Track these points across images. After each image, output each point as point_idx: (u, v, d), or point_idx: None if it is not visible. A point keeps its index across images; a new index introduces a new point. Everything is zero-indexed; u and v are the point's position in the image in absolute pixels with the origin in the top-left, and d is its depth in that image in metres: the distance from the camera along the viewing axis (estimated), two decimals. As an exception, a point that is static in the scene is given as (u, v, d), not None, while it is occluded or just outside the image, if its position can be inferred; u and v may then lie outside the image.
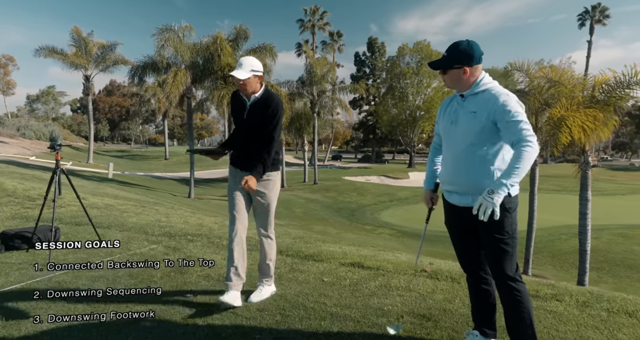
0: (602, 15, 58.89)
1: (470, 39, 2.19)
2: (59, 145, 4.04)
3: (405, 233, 19.85)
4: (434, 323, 2.59)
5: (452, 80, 2.22)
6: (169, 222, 6.09)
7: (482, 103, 2.15)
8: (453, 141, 2.27)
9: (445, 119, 2.34)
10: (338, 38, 58.26)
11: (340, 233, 18.55)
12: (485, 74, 2.21)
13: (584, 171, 12.16)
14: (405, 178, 37.20)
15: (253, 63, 2.94)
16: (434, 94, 45.02)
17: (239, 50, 25.98)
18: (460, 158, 2.22)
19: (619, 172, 49.31)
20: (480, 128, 2.14)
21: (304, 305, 2.93)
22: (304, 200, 26.22)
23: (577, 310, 2.82)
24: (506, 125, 2.07)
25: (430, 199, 2.56)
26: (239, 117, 3.07)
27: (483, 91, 2.17)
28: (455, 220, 2.36)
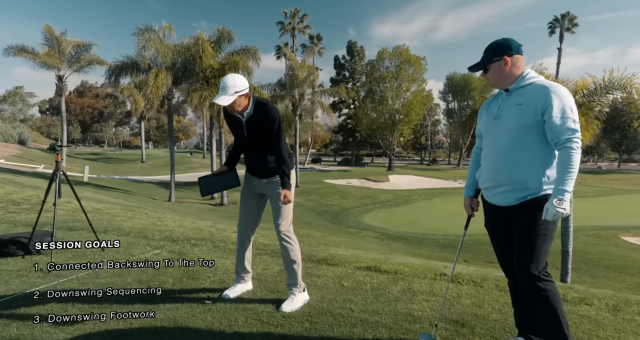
0: (571, 23, 61.07)
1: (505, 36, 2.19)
2: (60, 146, 3.83)
3: (389, 236, 19.95)
4: (469, 329, 2.54)
5: (495, 76, 2.16)
6: (166, 226, 5.88)
7: (529, 95, 2.07)
8: (496, 137, 2.20)
9: (487, 116, 2.28)
10: (318, 41, 58.42)
11: (324, 236, 18.47)
12: (531, 69, 2.16)
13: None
14: (385, 181, 37.48)
15: (236, 84, 2.83)
16: (412, 97, 45.61)
17: (221, 52, 25.68)
18: (504, 154, 2.15)
19: (587, 175, 50.99)
20: (527, 121, 2.06)
21: (331, 312, 2.84)
22: (287, 204, 26.05)
23: (611, 314, 2.82)
24: (553, 121, 1.99)
25: (470, 205, 2.49)
26: (239, 134, 3.03)
27: (530, 84, 2.10)
28: (497, 221, 2.30)
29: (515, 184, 2.12)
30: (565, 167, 1.97)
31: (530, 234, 2.09)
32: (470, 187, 2.50)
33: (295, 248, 3.04)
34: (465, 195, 2.51)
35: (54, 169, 3.87)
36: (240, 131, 3.02)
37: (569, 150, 1.98)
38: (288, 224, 3.04)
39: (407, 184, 36.01)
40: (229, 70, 23.91)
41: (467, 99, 54.23)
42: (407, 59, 45.25)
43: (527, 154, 2.09)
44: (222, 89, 2.86)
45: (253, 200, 3.15)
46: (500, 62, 2.12)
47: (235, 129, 3.08)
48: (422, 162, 62.69)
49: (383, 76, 45.21)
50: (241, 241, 3.22)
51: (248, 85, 2.92)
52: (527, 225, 2.10)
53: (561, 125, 1.99)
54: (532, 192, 2.10)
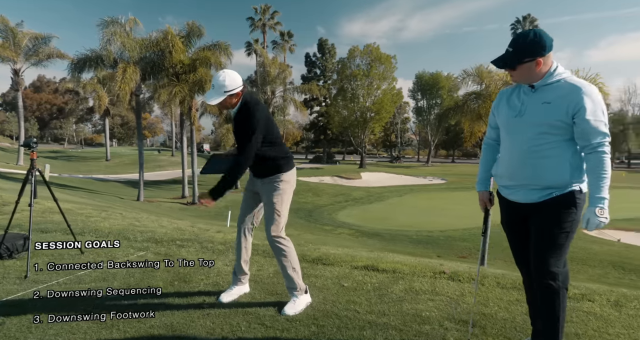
0: (532, 25, 63.32)
1: (536, 29, 2.05)
2: (35, 143, 3.55)
3: (364, 233, 20.07)
4: (481, 330, 2.51)
5: (522, 75, 2.04)
6: (146, 226, 5.62)
7: (559, 94, 1.97)
8: (518, 135, 2.09)
9: (508, 111, 2.14)
10: (289, 38, 57.96)
11: (300, 234, 18.36)
12: (558, 63, 2.03)
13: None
14: (357, 178, 37.71)
15: (227, 83, 2.70)
16: (383, 95, 46.10)
17: (191, 47, 25.06)
18: (527, 153, 2.05)
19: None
20: (554, 121, 1.97)
21: (336, 314, 2.75)
22: (260, 202, 25.78)
23: (615, 310, 2.85)
24: (586, 124, 1.91)
25: (486, 201, 2.38)
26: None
27: (558, 81, 2.00)
28: (515, 218, 2.23)
29: (538, 183, 2.06)
30: (599, 173, 1.91)
31: (553, 232, 2.03)
32: (484, 182, 2.39)
33: (288, 252, 2.89)
34: (480, 191, 2.39)
35: (29, 167, 3.58)
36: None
37: (601, 155, 1.92)
38: (279, 228, 2.88)
39: (378, 181, 36.37)
40: (200, 66, 23.37)
41: (435, 97, 55.32)
42: (378, 57, 45.68)
43: (551, 152, 2.01)
44: (212, 86, 2.74)
45: (251, 198, 3.03)
46: (532, 63, 1.99)
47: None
48: (399, 160, 63.52)
49: (354, 74, 45.46)
50: (239, 240, 3.08)
51: (241, 84, 2.78)
52: (550, 223, 2.04)
53: (594, 128, 1.92)
54: (557, 189, 2.03)
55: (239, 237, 3.09)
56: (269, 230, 2.88)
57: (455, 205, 25.14)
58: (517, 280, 3.30)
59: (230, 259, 4.00)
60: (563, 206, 2.02)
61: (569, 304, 2.89)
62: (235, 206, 21.34)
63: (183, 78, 22.92)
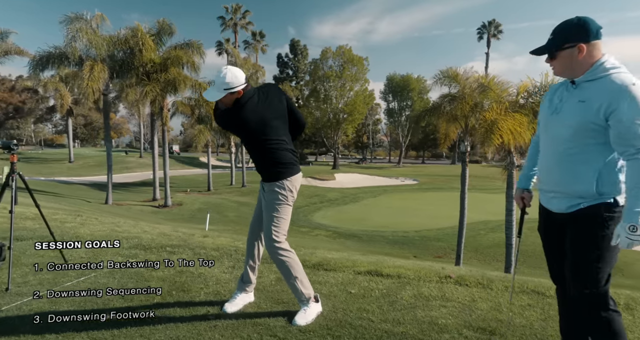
0: (497, 30, 65.36)
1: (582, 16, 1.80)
2: (16, 145, 3.28)
3: (341, 234, 20.08)
4: (501, 337, 2.45)
5: (563, 65, 1.82)
6: (129, 232, 5.33)
7: (596, 92, 1.75)
8: (553, 135, 1.92)
9: (547, 107, 1.97)
10: (261, 38, 57.53)
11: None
12: (610, 56, 1.77)
13: (509, 171, 13.27)
14: (331, 179, 37.77)
15: (227, 79, 2.55)
16: (356, 97, 46.42)
17: (162, 45, 24.38)
18: (558, 155, 1.89)
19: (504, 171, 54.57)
20: (587, 122, 1.77)
21: (349, 323, 2.64)
22: (236, 204, 25.33)
23: (628, 314, 2.81)
24: (620, 127, 1.70)
25: (521, 198, 2.19)
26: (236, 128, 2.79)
27: (601, 77, 1.76)
28: (551, 227, 2.04)
29: (565, 191, 1.89)
30: (634, 183, 1.70)
31: (584, 247, 1.85)
32: (525, 179, 2.21)
33: (290, 263, 2.74)
34: (518, 187, 2.23)
35: (8, 171, 3.30)
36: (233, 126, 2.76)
37: (637, 163, 1.70)
38: (281, 236, 2.74)
39: (352, 182, 36.55)
40: (172, 65, 22.77)
41: (406, 99, 56.21)
42: (350, 58, 45.97)
43: (582, 157, 1.82)
44: (213, 82, 2.62)
45: (261, 205, 2.88)
46: (573, 49, 1.76)
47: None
48: (364, 161, 64.02)
49: (327, 75, 45.56)
50: (250, 247, 2.94)
51: (243, 81, 2.61)
52: (580, 237, 1.86)
53: (631, 133, 1.69)
54: (586, 200, 1.84)
55: (251, 245, 2.95)
56: (267, 240, 2.75)
57: (427, 205, 25.56)
58: (524, 284, 3.30)
59: (227, 266, 3.84)
60: (591, 219, 1.83)
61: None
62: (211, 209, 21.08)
63: (154, 77, 22.27)
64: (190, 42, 24.35)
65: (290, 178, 2.76)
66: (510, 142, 12.13)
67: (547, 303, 2.95)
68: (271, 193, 2.75)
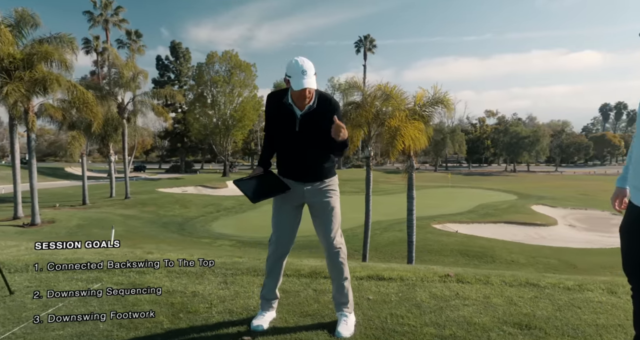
0: (372, 44, 71.04)
1: None
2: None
3: (245, 242, 19.59)
4: (542, 332, 2.55)
5: None
6: (57, 254, 4.47)
7: None
8: None
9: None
10: (137, 38, 53.17)
11: (178, 250, 16.96)
12: None
13: (410, 174, 14.47)
14: (224, 187, 36.58)
15: (312, 65, 2.42)
16: (245, 103, 45.85)
17: (21, 38, 21.06)
18: None
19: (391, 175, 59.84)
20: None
21: (394, 330, 2.58)
22: (121, 217, 22.90)
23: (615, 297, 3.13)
24: None
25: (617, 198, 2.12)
26: (286, 129, 2.54)
27: None
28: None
29: None
30: None
31: None
32: (624, 178, 2.12)
33: (346, 261, 2.76)
34: (617, 186, 2.16)
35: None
36: (290, 126, 2.51)
37: None
38: (340, 234, 2.72)
39: (246, 189, 35.90)
40: (38, 61, 19.75)
41: (293, 106, 57.27)
42: (238, 64, 45.30)
43: None
44: (302, 72, 2.34)
45: (293, 212, 2.68)
46: None
47: (281, 124, 2.55)
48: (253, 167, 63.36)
49: (214, 80, 44.17)
50: (276, 262, 2.74)
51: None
52: None
53: None
54: None
55: (279, 263, 2.76)
56: (336, 240, 2.69)
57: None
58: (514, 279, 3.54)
59: (218, 281, 3.52)
60: None
61: (574, 295, 3.17)
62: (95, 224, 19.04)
63: (17, 75, 19.05)
64: (59, 35, 21.46)
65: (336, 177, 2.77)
66: (411, 147, 13.26)
67: (548, 294, 3.24)
68: (326, 192, 2.65)
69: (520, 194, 37.48)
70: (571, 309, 2.90)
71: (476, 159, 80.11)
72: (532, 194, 37.12)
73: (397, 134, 12.79)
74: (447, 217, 27.32)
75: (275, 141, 2.65)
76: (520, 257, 18.52)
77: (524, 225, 25.75)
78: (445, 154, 73.81)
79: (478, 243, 20.37)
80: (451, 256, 19.10)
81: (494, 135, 72.87)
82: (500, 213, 28.00)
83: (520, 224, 25.78)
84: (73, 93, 20.90)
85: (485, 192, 38.80)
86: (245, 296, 3.19)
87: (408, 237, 15.17)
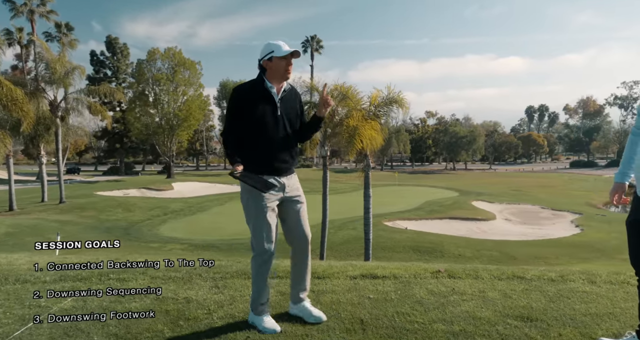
0: (318, 45, 71.50)
1: None
2: None
3: (198, 246, 18.95)
4: (544, 323, 2.64)
5: None
6: (15, 262, 4.02)
7: None
8: None
9: None
10: (68, 31, 49.57)
11: (130, 255, 16.03)
12: None
13: (366, 172, 14.72)
14: (169, 189, 35.15)
15: None
16: (191, 102, 44.29)
17: None
18: None
19: (339, 174, 60.55)
20: None
21: (405, 328, 2.56)
22: (57, 224, 21.23)
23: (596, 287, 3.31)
24: None
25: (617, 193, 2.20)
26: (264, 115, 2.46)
27: None
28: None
29: None
30: None
31: None
32: (625, 173, 2.21)
33: None
34: (616, 182, 2.24)
35: None
36: (270, 112, 2.47)
37: None
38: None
39: (193, 191, 34.74)
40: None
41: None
42: (182, 62, 43.69)
43: None
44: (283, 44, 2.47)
45: (275, 211, 2.58)
46: None
47: (261, 111, 2.45)
48: (198, 168, 61.52)
49: (157, 78, 42.24)
50: (268, 266, 2.63)
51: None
52: None
53: None
54: None
55: (270, 263, 2.65)
56: (308, 233, 2.73)
57: (276, 209, 26.09)
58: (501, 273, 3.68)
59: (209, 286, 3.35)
60: None
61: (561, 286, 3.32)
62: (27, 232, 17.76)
63: None
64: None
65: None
66: (367, 146, 13.49)
67: (536, 286, 3.38)
68: (297, 189, 2.66)
69: (461, 190, 39.46)
70: (562, 300, 3.06)
71: (419, 158, 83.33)
72: (471, 191, 39.22)
73: (355, 133, 12.96)
74: (397, 214, 28.10)
75: (248, 136, 2.49)
76: (466, 250, 19.51)
77: (466, 220, 27.14)
78: (391, 153, 76.05)
79: (427, 239, 21.18)
80: (404, 252, 19.71)
81: (435, 135, 76.18)
82: (445, 209, 29.30)
83: (463, 219, 27.15)
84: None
85: (429, 190, 40.43)
86: (242, 300, 3.07)
87: (365, 234, 15.43)
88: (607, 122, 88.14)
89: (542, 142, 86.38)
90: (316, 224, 21.77)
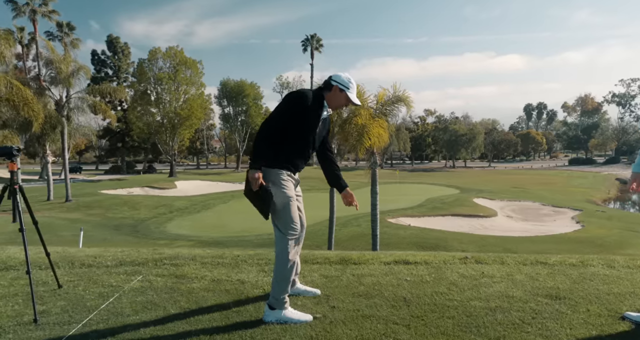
0: (318, 44, 71.61)
1: None
2: (18, 150, 2.47)
3: (205, 242, 19.19)
4: (572, 301, 2.89)
5: None
6: (65, 251, 4.28)
7: None
8: None
9: None
10: (70, 31, 49.71)
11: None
12: None
13: (373, 170, 14.99)
14: (172, 188, 35.36)
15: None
16: (192, 101, 44.46)
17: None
18: None
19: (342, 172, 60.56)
20: None
21: (446, 305, 2.79)
22: (67, 221, 21.46)
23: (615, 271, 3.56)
24: None
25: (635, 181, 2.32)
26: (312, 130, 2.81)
27: None
28: None
29: None
30: None
31: None
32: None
33: None
34: (633, 171, 2.41)
35: (7, 182, 2.46)
36: (314, 124, 2.81)
37: None
38: None
39: (197, 189, 34.97)
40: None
41: (241, 104, 56.49)
42: (184, 61, 43.84)
43: None
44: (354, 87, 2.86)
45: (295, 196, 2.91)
46: None
47: (311, 123, 2.79)
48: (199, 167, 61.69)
49: (159, 77, 42.38)
50: (300, 246, 2.91)
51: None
52: None
53: None
54: None
55: (299, 250, 2.87)
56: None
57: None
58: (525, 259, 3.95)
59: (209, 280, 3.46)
60: None
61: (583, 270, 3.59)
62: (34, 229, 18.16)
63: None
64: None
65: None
66: (375, 144, 13.76)
67: (559, 270, 3.67)
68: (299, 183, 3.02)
69: (461, 188, 39.77)
70: (585, 282, 3.35)
71: (418, 155, 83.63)
72: (472, 188, 39.53)
73: (364, 131, 13.21)
74: (400, 211, 28.36)
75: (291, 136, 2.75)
76: (469, 246, 19.79)
77: (468, 217, 27.42)
78: (391, 152, 76.35)
79: (432, 235, 21.45)
80: (409, 248, 19.93)
81: (435, 133, 76.50)
82: (447, 206, 29.57)
83: (466, 216, 27.42)
84: (11, 90, 19.24)
85: (430, 187, 40.73)
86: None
87: (372, 231, 15.72)
88: (605, 119, 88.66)
89: (541, 140, 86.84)
90: (323, 220, 22.11)
